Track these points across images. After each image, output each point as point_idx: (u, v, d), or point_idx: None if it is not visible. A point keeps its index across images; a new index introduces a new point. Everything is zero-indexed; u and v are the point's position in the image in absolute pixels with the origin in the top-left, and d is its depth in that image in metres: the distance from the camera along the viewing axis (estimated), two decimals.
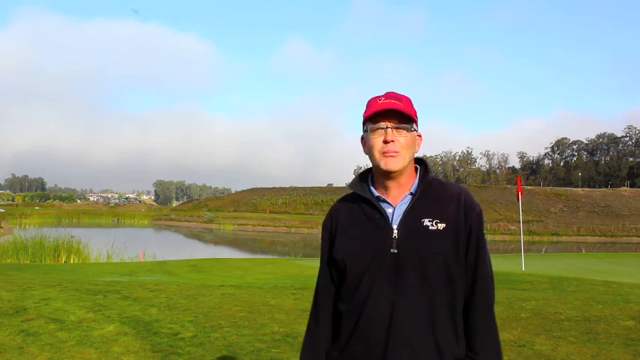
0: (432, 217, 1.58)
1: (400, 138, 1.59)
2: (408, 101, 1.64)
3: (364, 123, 1.65)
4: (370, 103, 1.64)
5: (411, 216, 1.59)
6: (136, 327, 5.40)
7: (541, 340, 5.12)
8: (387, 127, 1.59)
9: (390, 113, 1.59)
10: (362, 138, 1.69)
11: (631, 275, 11.59)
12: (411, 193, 1.63)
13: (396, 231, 1.58)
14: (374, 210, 1.63)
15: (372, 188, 1.67)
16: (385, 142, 1.59)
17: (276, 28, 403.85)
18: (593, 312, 6.28)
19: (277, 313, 6.21)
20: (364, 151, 1.68)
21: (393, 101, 1.60)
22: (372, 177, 1.70)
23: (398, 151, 1.59)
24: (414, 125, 1.63)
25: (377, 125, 1.61)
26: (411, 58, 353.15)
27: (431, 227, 1.57)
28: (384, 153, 1.59)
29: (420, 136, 1.69)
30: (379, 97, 1.63)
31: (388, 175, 1.61)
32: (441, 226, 1.57)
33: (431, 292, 1.53)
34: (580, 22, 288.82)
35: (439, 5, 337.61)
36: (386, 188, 1.64)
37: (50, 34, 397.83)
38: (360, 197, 1.66)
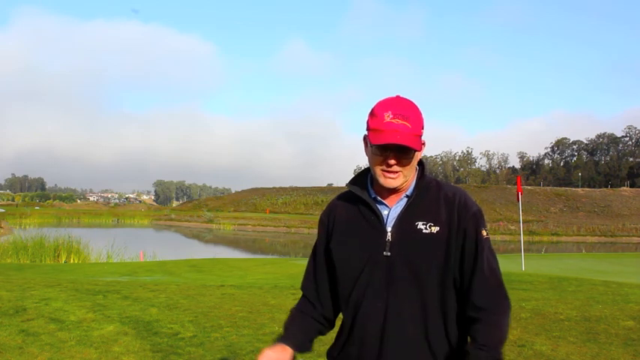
0: (426, 220, 1.57)
1: (403, 161, 1.56)
2: (417, 116, 1.56)
3: (367, 132, 1.59)
4: (376, 117, 1.55)
5: (406, 219, 1.58)
6: (136, 327, 5.40)
7: (541, 340, 5.12)
8: (389, 154, 1.55)
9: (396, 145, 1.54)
10: (364, 137, 1.63)
11: (631, 275, 11.58)
12: (407, 196, 1.62)
13: (389, 233, 1.58)
14: (370, 211, 1.62)
15: (370, 189, 1.66)
16: (387, 164, 1.56)
17: (276, 30, 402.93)
18: (593, 312, 6.28)
19: (277, 313, 6.20)
20: (365, 152, 1.63)
21: (401, 122, 1.52)
22: (371, 176, 1.68)
23: (399, 171, 1.56)
24: (420, 145, 1.58)
25: (380, 152, 1.56)
26: (410, 58, 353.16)
27: (424, 230, 1.56)
28: (384, 172, 1.57)
29: (423, 143, 1.63)
30: (387, 111, 1.53)
31: None
32: (435, 229, 1.56)
33: (423, 295, 1.53)
34: (580, 22, 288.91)
35: (438, 6, 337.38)
36: (383, 190, 1.62)
37: (51, 34, 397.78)
38: (358, 197, 1.65)
